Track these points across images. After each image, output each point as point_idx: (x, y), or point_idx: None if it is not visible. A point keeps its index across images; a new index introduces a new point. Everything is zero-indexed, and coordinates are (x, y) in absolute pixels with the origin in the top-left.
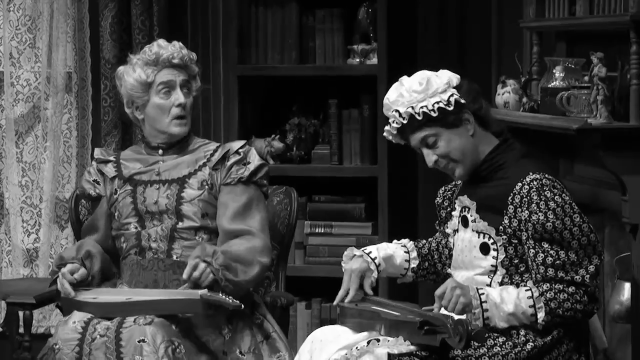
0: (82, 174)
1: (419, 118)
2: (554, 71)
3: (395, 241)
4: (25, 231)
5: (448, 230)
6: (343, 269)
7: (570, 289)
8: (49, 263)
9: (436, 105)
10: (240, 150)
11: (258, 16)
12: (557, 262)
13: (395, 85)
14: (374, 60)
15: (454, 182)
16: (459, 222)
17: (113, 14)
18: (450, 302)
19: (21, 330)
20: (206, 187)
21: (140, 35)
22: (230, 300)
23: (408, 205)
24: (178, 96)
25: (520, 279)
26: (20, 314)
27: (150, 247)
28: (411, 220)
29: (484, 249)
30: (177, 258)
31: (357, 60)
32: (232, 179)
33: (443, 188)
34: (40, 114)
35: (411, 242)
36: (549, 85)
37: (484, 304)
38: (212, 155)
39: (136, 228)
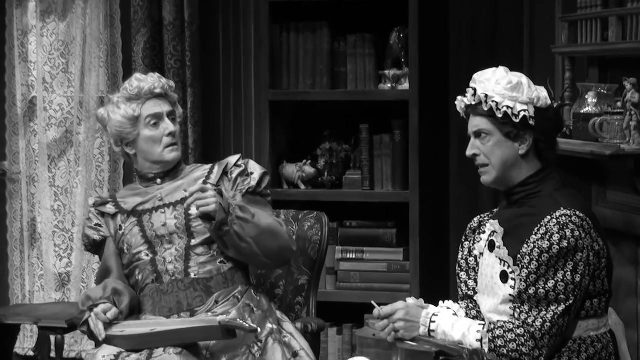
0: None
1: (485, 108)
2: (587, 97)
3: (441, 303)
4: (57, 255)
5: (475, 252)
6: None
7: (519, 330)
8: (80, 287)
9: (505, 108)
10: (239, 163)
11: (290, 41)
12: (530, 289)
13: (494, 69)
14: (405, 85)
15: (489, 212)
16: (485, 245)
17: (145, 39)
18: (389, 327)
19: (53, 354)
20: None
21: (173, 60)
22: (248, 325)
23: (439, 230)
24: (167, 125)
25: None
26: (52, 338)
27: (167, 270)
28: (442, 246)
29: (504, 276)
30: (195, 275)
31: (389, 85)
32: (239, 190)
33: (479, 215)
34: (72, 138)
35: (456, 304)
36: (582, 111)
37: (431, 332)
38: (210, 172)
39: (148, 255)
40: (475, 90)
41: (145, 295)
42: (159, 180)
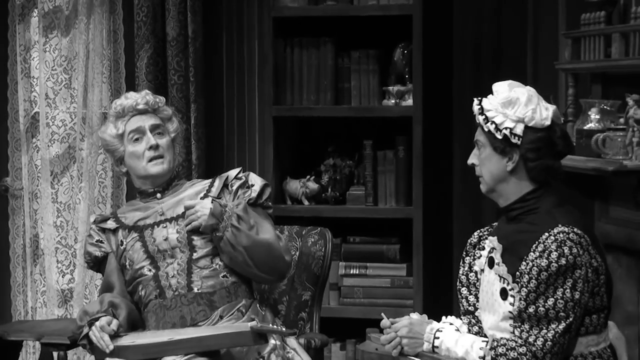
0: None
1: (477, 120)
2: (590, 113)
3: (443, 319)
4: (60, 272)
5: (476, 268)
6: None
7: (521, 349)
8: (83, 303)
9: (489, 124)
10: (240, 175)
11: (293, 57)
12: (530, 308)
13: (510, 81)
14: (409, 101)
15: (489, 226)
16: (485, 262)
17: (149, 54)
18: (395, 340)
19: None
20: None
21: (176, 76)
22: (280, 328)
23: (443, 246)
24: (149, 139)
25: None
26: (55, 354)
27: (170, 285)
28: (446, 262)
29: (503, 293)
30: (198, 290)
31: (393, 101)
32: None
33: (479, 230)
34: (75, 154)
35: (458, 320)
36: (585, 127)
37: (435, 349)
38: (211, 185)
39: (150, 271)
40: (480, 101)
41: (148, 311)
42: (159, 195)
